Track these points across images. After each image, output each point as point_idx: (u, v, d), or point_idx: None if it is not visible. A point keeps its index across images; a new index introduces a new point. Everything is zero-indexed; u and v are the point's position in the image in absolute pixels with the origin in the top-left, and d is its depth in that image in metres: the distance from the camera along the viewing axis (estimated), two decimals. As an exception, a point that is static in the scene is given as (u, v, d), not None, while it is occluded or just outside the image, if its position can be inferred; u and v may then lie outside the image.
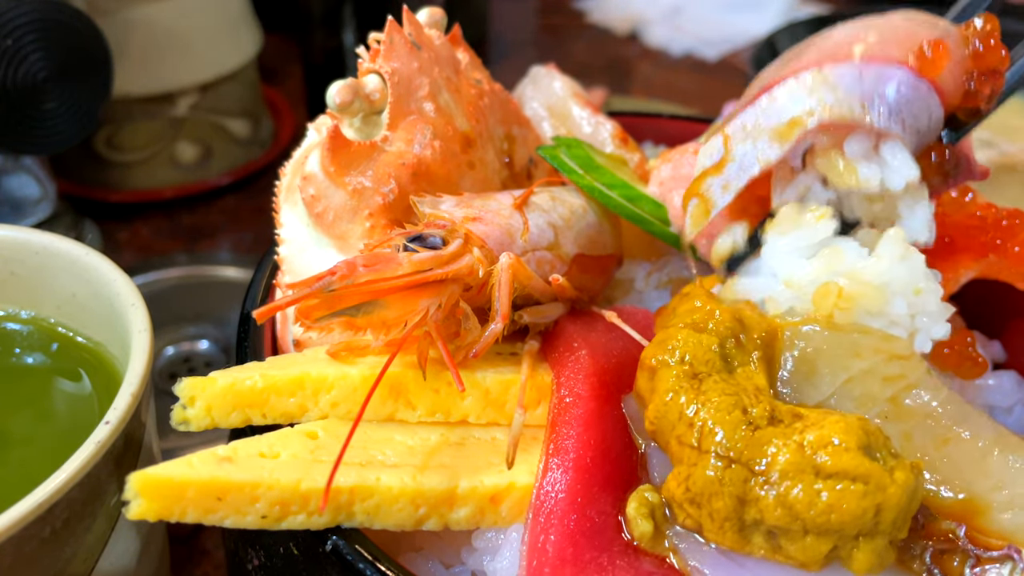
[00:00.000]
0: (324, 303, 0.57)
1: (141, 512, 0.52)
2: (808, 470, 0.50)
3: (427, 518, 0.57)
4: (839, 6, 2.19)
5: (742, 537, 0.52)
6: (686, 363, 0.57)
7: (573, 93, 0.96)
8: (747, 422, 0.53)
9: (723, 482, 0.52)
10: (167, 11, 1.35)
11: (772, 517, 0.50)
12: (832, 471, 0.50)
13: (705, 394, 0.54)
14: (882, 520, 0.50)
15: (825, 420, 0.52)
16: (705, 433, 0.53)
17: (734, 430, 0.52)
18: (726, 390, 0.55)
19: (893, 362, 0.60)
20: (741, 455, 0.52)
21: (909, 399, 0.59)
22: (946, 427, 0.58)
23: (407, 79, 0.75)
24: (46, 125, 1.09)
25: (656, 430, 0.57)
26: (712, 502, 0.52)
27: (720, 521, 0.52)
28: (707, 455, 0.52)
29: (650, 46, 2.09)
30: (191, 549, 0.94)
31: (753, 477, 0.51)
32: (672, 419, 0.55)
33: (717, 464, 0.52)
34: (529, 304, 0.68)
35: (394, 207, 0.71)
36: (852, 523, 0.49)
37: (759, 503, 0.51)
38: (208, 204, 1.48)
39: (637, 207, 0.78)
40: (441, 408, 0.62)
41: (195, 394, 0.59)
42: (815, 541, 0.50)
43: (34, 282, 0.77)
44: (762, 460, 0.51)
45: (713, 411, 0.53)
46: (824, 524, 0.49)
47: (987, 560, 0.52)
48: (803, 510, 0.50)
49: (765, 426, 0.53)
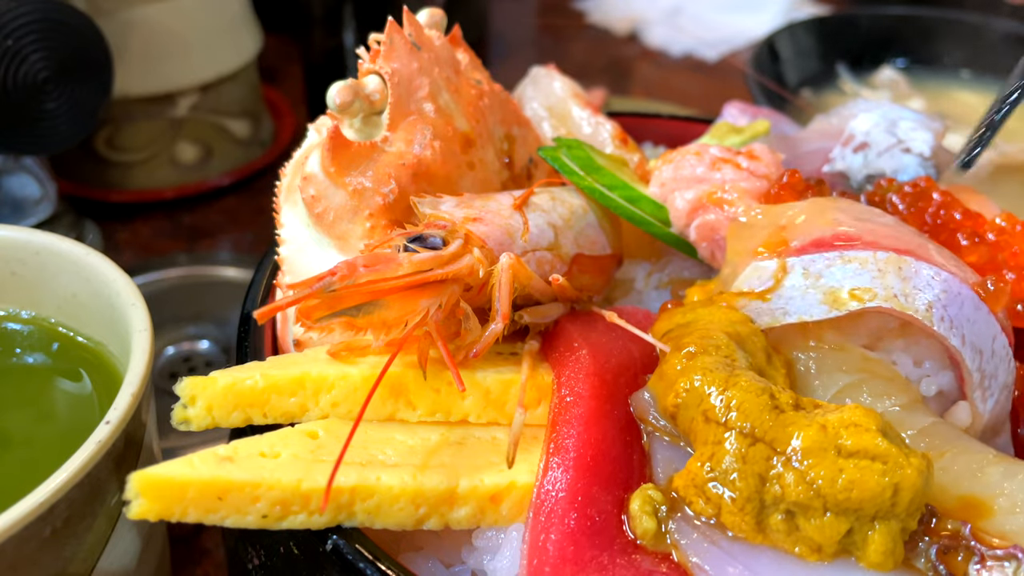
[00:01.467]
0: (325, 303, 0.57)
1: (142, 512, 0.52)
2: (830, 448, 0.52)
3: (427, 517, 0.57)
4: (839, 6, 2.19)
5: (759, 522, 0.54)
6: (720, 355, 0.59)
7: (573, 93, 0.96)
8: (773, 406, 0.55)
9: (746, 459, 0.54)
10: (167, 11, 1.35)
11: (794, 493, 0.52)
12: (853, 450, 0.52)
13: (737, 377, 0.57)
14: (899, 501, 0.51)
15: (844, 407, 0.55)
16: (732, 410, 0.55)
17: (761, 411, 0.55)
18: (755, 379, 0.57)
19: (876, 381, 0.62)
20: (765, 434, 0.54)
21: (899, 417, 0.61)
22: (940, 444, 0.59)
23: (407, 80, 0.75)
24: (46, 125, 1.09)
25: (682, 404, 0.58)
26: (735, 482, 0.54)
27: (741, 502, 0.53)
28: (733, 432, 0.54)
29: (650, 46, 2.09)
30: (191, 549, 0.94)
31: (776, 455, 0.53)
32: (701, 394, 0.57)
33: (742, 440, 0.54)
34: (529, 304, 0.68)
35: (394, 207, 0.71)
36: (871, 501, 0.51)
37: (780, 480, 0.53)
38: (208, 204, 1.48)
39: (637, 208, 0.78)
40: (441, 408, 0.62)
41: (196, 394, 0.59)
42: (834, 520, 0.52)
43: (35, 282, 0.77)
44: (785, 439, 0.53)
45: (742, 392, 0.56)
46: (845, 501, 0.51)
47: (992, 558, 0.52)
48: (825, 486, 0.51)
49: (789, 411, 0.55)
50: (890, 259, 0.63)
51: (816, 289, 0.64)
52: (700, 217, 0.75)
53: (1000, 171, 1.34)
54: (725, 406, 0.55)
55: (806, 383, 0.64)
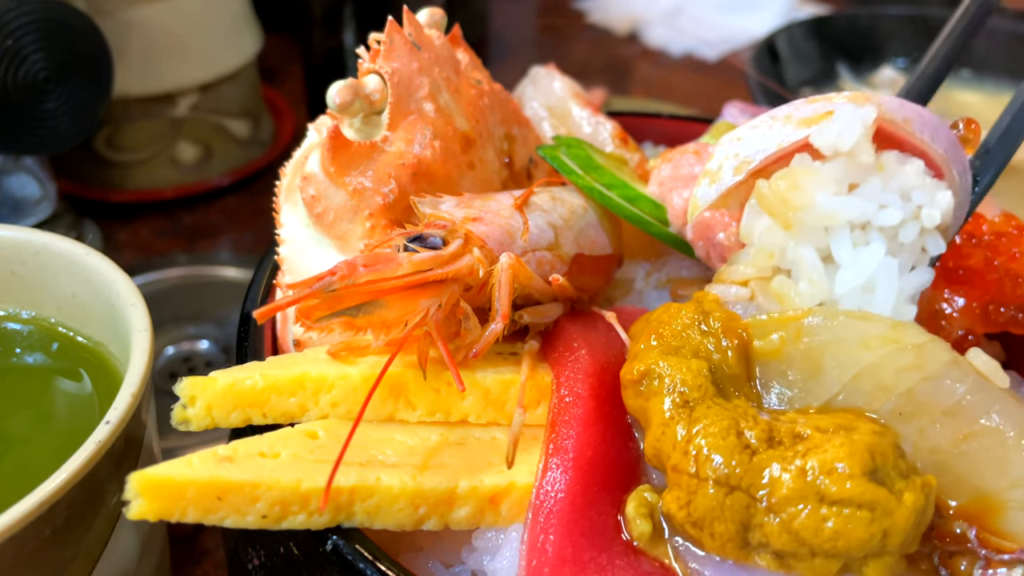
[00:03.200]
0: (324, 303, 0.57)
1: (141, 512, 0.52)
2: (812, 496, 0.49)
3: (427, 518, 0.57)
4: (839, 6, 2.19)
5: (745, 553, 0.52)
6: (675, 392, 0.56)
7: (573, 93, 0.96)
8: (744, 446, 0.52)
9: (724, 508, 0.51)
10: (167, 11, 1.35)
11: (778, 543, 0.50)
12: (837, 498, 0.49)
13: (697, 420, 0.53)
14: (889, 543, 0.49)
15: (828, 443, 0.51)
16: (702, 461, 0.52)
17: (731, 455, 0.51)
18: (719, 415, 0.53)
19: (906, 352, 0.56)
20: (741, 481, 0.51)
21: (925, 392, 0.56)
22: (970, 420, 0.55)
23: (407, 79, 0.75)
24: (46, 125, 1.09)
25: (653, 459, 0.56)
26: (714, 526, 0.52)
27: (722, 542, 0.52)
28: (706, 482, 0.52)
29: (650, 46, 2.09)
30: (191, 549, 0.94)
31: (754, 503, 0.50)
32: (667, 449, 0.54)
33: (718, 491, 0.51)
34: (529, 304, 0.68)
35: (394, 207, 0.71)
36: (859, 547, 0.49)
37: (763, 528, 0.50)
38: (208, 204, 1.48)
39: (636, 207, 0.78)
40: (441, 408, 0.62)
41: (195, 394, 0.59)
42: (824, 562, 0.50)
43: (35, 282, 0.77)
44: (763, 485, 0.50)
45: (708, 438, 0.52)
46: (831, 549, 0.49)
47: (997, 564, 0.51)
48: (809, 536, 0.49)
49: (764, 450, 0.52)
50: (861, 93, 0.63)
51: (788, 123, 0.63)
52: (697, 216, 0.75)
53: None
54: (692, 458, 0.52)
55: (819, 368, 0.58)
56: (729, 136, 0.67)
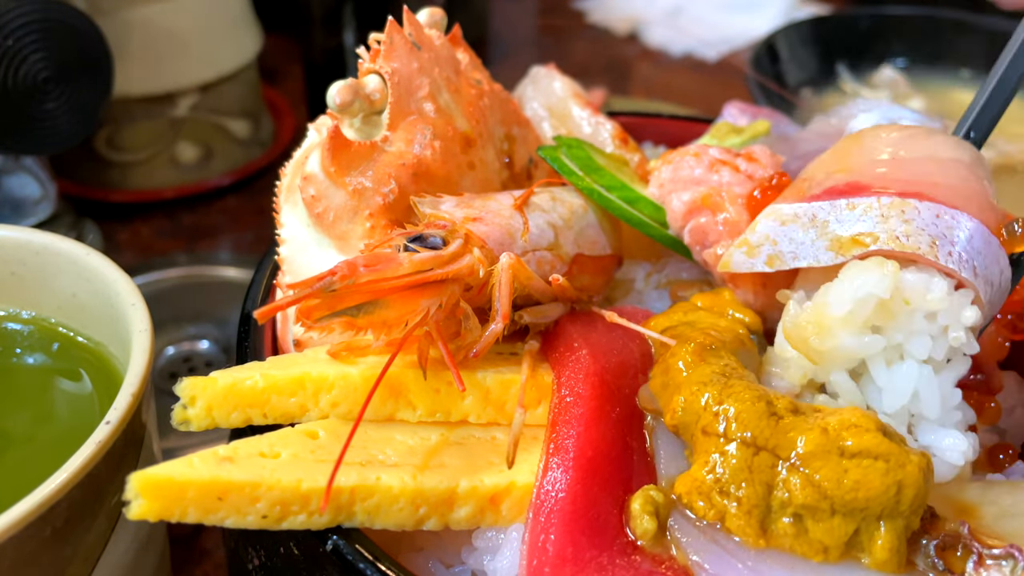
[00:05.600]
0: (325, 303, 0.57)
1: (141, 512, 0.52)
2: (833, 451, 0.53)
3: (427, 518, 0.57)
4: (839, 6, 2.19)
5: (763, 526, 0.54)
6: (724, 363, 0.60)
7: (573, 93, 0.96)
8: (771, 412, 0.55)
9: (752, 469, 0.54)
10: (167, 11, 1.35)
11: (801, 496, 0.53)
12: (855, 450, 0.53)
13: (732, 387, 0.57)
14: (903, 498, 0.52)
15: (842, 409, 0.56)
16: (731, 421, 0.55)
17: (759, 418, 0.55)
18: (751, 386, 0.57)
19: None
20: (767, 442, 0.54)
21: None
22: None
23: (407, 79, 0.75)
24: (46, 125, 1.09)
25: (680, 422, 0.58)
26: (741, 489, 0.54)
27: (748, 507, 0.54)
28: (733, 443, 0.55)
29: (650, 46, 2.09)
30: (191, 549, 0.94)
31: (780, 462, 0.54)
32: (698, 409, 0.57)
33: (746, 452, 0.55)
34: (529, 304, 0.68)
35: (394, 207, 0.71)
36: (877, 499, 0.52)
37: (787, 484, 0.53)
38: (208, 204, 1.48)
39: (636, 209, 0.78)
40: (441, 408, 0.62)
41: (196, 394, 0.59)
42: (842, 522, 0.53)
43: (35, 282, 0.77)
44: (788, 446, 0.54)
45: (738, 402, 0.56)
46: (852, 501, 0.52)
47: (990, 557, 0.53)
48: (831, 487, 0.52)
49: (788, 416, 0.55)
50: (893, 203, 0.63)
51: (824, 237, 0.64)
52: (694, 220, 0.75)
53: (1000, 171, 1.34)
54: (723, 418, 0.56)
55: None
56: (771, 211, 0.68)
